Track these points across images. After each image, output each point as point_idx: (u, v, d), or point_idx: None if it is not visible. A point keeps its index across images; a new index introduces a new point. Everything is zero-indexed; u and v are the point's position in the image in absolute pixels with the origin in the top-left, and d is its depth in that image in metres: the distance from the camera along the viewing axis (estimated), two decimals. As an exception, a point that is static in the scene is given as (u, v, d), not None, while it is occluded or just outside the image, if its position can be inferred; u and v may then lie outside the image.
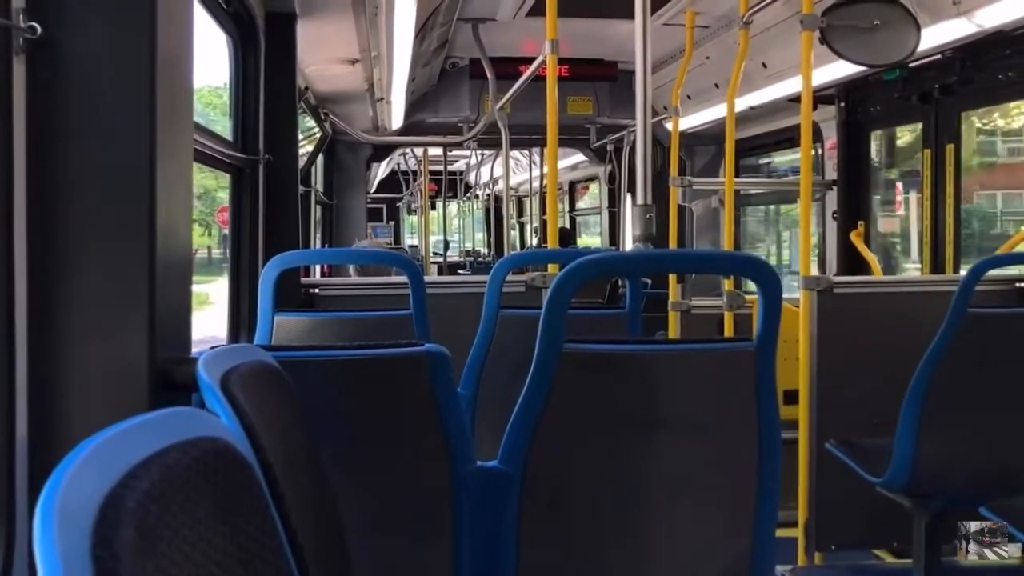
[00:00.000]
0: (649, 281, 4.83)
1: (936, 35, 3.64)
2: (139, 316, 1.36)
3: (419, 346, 1.72)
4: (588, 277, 1.63)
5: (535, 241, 11.93)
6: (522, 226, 14.48)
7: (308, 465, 1.39)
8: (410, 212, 16.22)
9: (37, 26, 1.32)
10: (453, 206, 17.25)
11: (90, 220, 1.37)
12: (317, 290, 3.68)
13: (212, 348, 1.37)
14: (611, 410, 1.69)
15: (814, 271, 3.90)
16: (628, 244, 7.92)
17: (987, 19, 3.51)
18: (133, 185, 1.36)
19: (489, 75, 6.05)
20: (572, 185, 12.30)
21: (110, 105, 1.37)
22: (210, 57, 3.25)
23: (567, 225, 12.47)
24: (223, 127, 3.35)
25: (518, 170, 12.88)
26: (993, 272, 2.86)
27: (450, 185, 14.50)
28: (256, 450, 1.10)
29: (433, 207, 10.88)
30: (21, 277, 1.35)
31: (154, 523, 0.69)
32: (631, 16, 2.80)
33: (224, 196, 3.39)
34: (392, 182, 13.86)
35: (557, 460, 1.70)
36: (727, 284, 4.08)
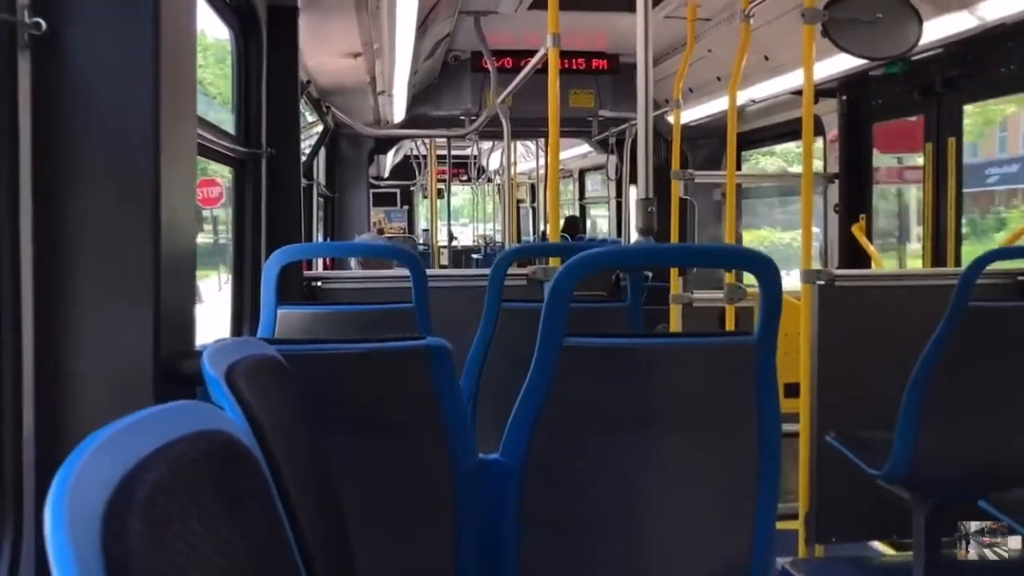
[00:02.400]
0: (650, 274, 4.84)
1: (938, 28, 3.63)
2: (144, 310, 1.37)
3: (420, 339, 1.73)
4: (587, 272, 1.64)
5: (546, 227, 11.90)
6: (535, 211, 14.45)
7: (310, 458, 1.41)
8: (425, 197, 16.20)
9: (42, 22, 1.33)
10: (468, 190, 17.20)
11: (95, 215, 1.38)
12: (319, 283, 3.69)
13: (216, 342, 1.38)
14: (611, 404, 1.71)
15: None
16: (632, 235, 7.92)
17: (989, 12, 3.51)
18: (138, 180, 1.37)
19: (491, 68, 6.04)
20: (582, 173, 12.28)
21: (114, 101, 1.37)
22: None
23: (576, 213, 12.46)
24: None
25: (528, 156, 12.85)
26: (994, 265, 2.86)
27: (465, 168, 14.47)
28: (260, 443, 1.11)
29: (449, 191, 10.85)
30: (27, 272, 1.36)
31: (162, 514, 0.70)
32: (632, 9, 2.80)
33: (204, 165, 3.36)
34: (406, 167, 13.84)
35: (558, 453, 1.71)
36: (728, 277, 4.08)
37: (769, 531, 1.76)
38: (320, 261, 6.39)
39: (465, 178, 15.17)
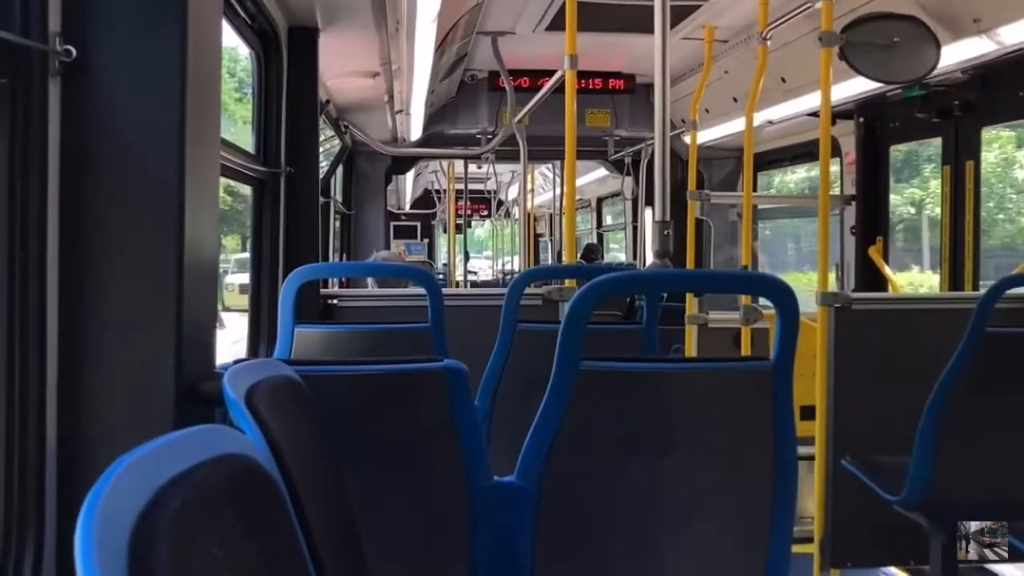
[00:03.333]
0: (665, 294, 4.83)
1: (956, 53, 3.63)
2: (167, 331, 1.39)
3: (438, 361, 1.74)
4: (604, 297, 1.65)
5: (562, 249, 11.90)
6: (553, 243, 14.52)
7: (327, 478, 1.42)
8: (445, 230, 16.37)
9: (72, 49, 1.36)
10: (488, 224, 17.35)
11: (121, 237, 1.40)
12: (336, 301, 3.71)
13: (236, 362, 1.39)
14: (627, 427, 1.71)
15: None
16: (648, 258, 7.92)
17: (1008, 37, 3.50)
18: (163, 203, 1.40)
19: (507, 88, 6.08)
20: (599, 202, 12.32)
21: (141, 124, 1.40)
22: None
23: (595, 241, 12.47)
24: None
25: (546, 186, 12.93)
26: (1013, 291, 2.85)
27: (484, 202, 14.60)
28: (279, 465, 1.12)
29: (469, 225, 10.91)
30: (53, 291, 1.38)
31: (187, 540, 0.71)
32: (650, 30, 2.81)
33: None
34: (426, 200, 13.97)
35: (573, 476, 1.71)
36: (744, 299, 4.07)
37: (784, 555, 1.76)
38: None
39: (485, 213, 15.31)
